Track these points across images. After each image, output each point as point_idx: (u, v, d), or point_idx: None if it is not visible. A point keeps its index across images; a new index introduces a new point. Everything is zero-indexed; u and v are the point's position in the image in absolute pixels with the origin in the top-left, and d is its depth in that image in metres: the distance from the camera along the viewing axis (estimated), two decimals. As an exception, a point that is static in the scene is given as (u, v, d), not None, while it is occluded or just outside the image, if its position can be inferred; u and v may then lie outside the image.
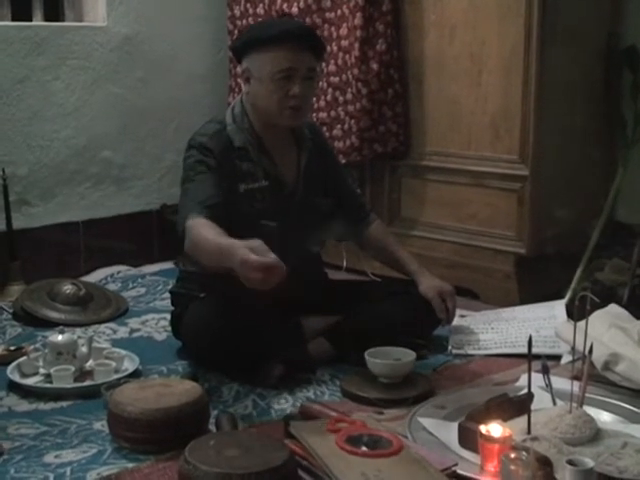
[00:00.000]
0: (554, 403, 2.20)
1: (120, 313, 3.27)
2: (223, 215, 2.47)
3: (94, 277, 3.71)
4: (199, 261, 2.47)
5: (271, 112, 2.62)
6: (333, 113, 3.73)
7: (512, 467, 1.69)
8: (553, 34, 3.23)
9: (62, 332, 2.58)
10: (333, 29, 3.69)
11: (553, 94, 3.28)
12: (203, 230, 2.38)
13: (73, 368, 2.50)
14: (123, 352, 2.68)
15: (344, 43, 3.64)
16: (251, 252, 2.10)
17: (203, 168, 2.58)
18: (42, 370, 2.54)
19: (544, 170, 3.31)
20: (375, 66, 3.58)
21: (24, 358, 2.59)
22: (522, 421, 2.05)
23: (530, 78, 3.22)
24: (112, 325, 3.13)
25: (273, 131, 2.69)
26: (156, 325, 3.12)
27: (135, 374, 2.56)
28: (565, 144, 3.39)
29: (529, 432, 2.01)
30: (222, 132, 2.65)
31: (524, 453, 1.73)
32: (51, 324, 3.00)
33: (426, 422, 2.13)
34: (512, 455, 1.72)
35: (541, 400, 2.19)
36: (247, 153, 2.66)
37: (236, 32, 4.07)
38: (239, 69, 2.66)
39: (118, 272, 3.77)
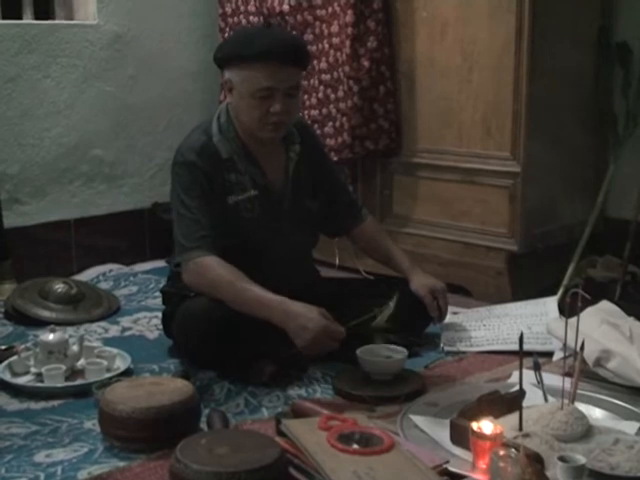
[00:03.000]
0: (546, 400, 2.21)
1: (112, 312, 3.26)
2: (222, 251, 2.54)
3: (86, 276, 3.71)
4: (210, 296, 2.51)
5: (252, 126, 2.60)
6: (324, 111, 3.73)
7: (501, 464, 1.69)
8: (544, 30, 3.23)
9: (53, 331, 2.57)
10: (324, 26, 3.69)
11: (544, 91, 3.28)
12: (223, 271, 2.48)
13: (64, 367, 2.49)
14: (114, 351, 2.67)
15: (335, 40, 3.63)
16: (326, 319, 2.36)
17: (198, 193, 2.57)
18: (33, 369, 2.53)
19: (535, 167, 3.31)
20: (366, 63, 3.58)
21: (15, 357, 2.58)
22: (514, 418, 2.05)
23: (521, 75, 3.22)
24: (104, 324, 3.13)
25: (259, 141, 2.66)
26: (148, 324, 3.11)
27: (127, 373, 2.55)
28: (556, 140, 3.40)
29: (521, 429, 2.01)
30: (209, 144, 2.62)
31: (513, 450, 1.73)
32: (42, 323, 3.00)
33: (418, 419, 2.13)
34: (501, 452, 1.72)
35: (533, 397, 2.19)
36: (234, 164, 2.64)
37: (227, 30, 4.07)
38: (222, 79, 2.65)
39: (110, 270, 3.77)
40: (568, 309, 2.14)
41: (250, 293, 2.43)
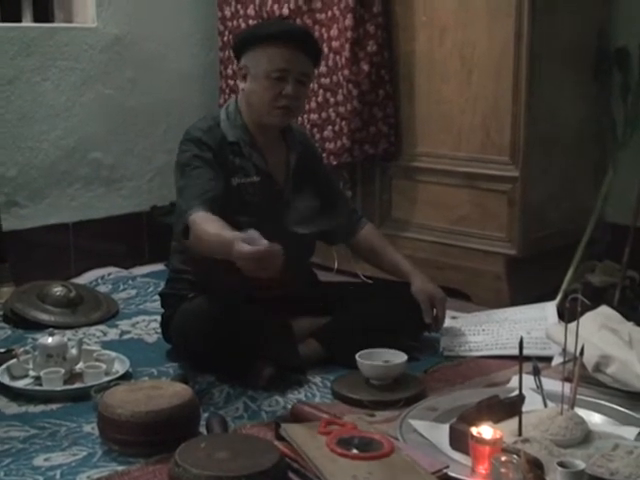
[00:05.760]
0: (545, 405, 2.20)
1: (110, 315, 3.25)
2: (222, 206, 2.50)
3: (84, 279, 3.70)
4: (204, 255, 2.44)
5: (262, 110, 2.65)
6: (324, 114, 3.73)
7: (502, 470, 1.69)
8: (543, 35, 3.23)
9: (52, 334, 2.57)
10: (324, 30, 3.68)
11: (543, 95, 3.28)
12: (205, 224, 2.40)
13: (63, 370, 2.49)
14: (113, 354, 2.67)
15: (335, 44, 3.63)
16: (244, 243, 2.13)
17: (199, 162, 2.60)
18: (32, 372, 2.53)
19: (534, 171, 3.31)
20: (366, 67, 3.58)
21: (14, 360, 2.58)
22: (513, 423, 2.05)
23: (520, 79, 3.22)
24: (102, 327, 3.12)
25: (264, 131, 2.72)
26: (146, 327, 3.11)
27: (125, 376, 2.55)
28: (555, 145, 3.40)
29: (520, 434, 2.01)
30: (216, 128, 2.68)
31: (514, 456, 1.73)
32: (41, 326, 3.00)
33: (417, 424, 2.13)
34: (502, 458, 1.72)
35: (532, 402, 2.19)
36: (239, 148, 2.69)
37: (227, 33, 4.07)
38: (237, 67, 2.72)
39: (108, 274, 3.76)
40: (567, 314, 2.14)
41: (214, 235, 2.31)
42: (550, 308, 2.97)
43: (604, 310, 2.71)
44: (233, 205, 2.63)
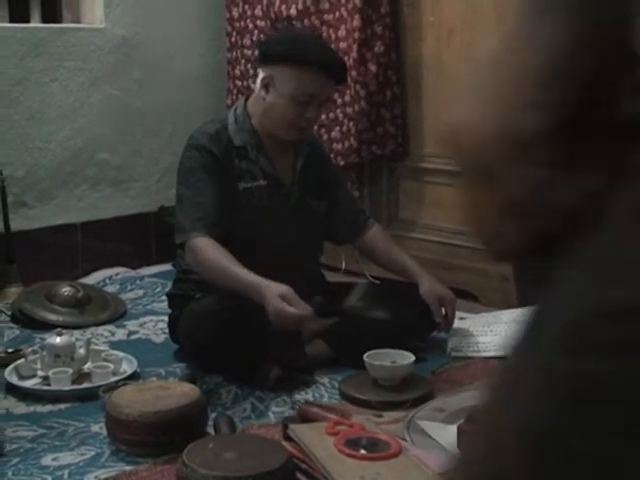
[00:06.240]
0: (553, 406, 2.20)
1: (118, 315, 3.26)
2: (223, 232, 2.55)
3: (92, 279, 3.71)
4: (206, 279, 2.56)
5: (280, 125, 2.65)
6: (332, 115, 3.73)
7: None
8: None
9: (60, 334, 2.58)
10: (331, 31, 3.69)
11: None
12: (213, 254, 2.49)
13: (71, 370, 2.50)
14: (121, 354, 2.68)
15: (342, 45, 3.63)
16: (284, 301, 2.28)
17: (202, 173, 2.60)
18: (40, 372, 2.54)
19: (542, 172, 3.31)
20: (373, 68, 3.58)
21: (22, 360, 2.58)
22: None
23: (528, 80, 3.22)
24: (110, 327, 3.13)
25: (274, 137, 2.71)
26: (154, 327, 3.11)
27: (133, 376, 2.55)
28: (563, 146, 3.39)
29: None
30: (223, 132, 2.68)
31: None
32: (49, 326, 3.00)
33: (425, 425, 2.13)
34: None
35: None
36: (246, 152, 2.69)
37: (234, 34, 4.07)
38: (260, 73, 2.66)
39: (116, 274, 3.76)
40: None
41: (233, 274, 2.42)
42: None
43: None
44: (239, 209, 2.64)
